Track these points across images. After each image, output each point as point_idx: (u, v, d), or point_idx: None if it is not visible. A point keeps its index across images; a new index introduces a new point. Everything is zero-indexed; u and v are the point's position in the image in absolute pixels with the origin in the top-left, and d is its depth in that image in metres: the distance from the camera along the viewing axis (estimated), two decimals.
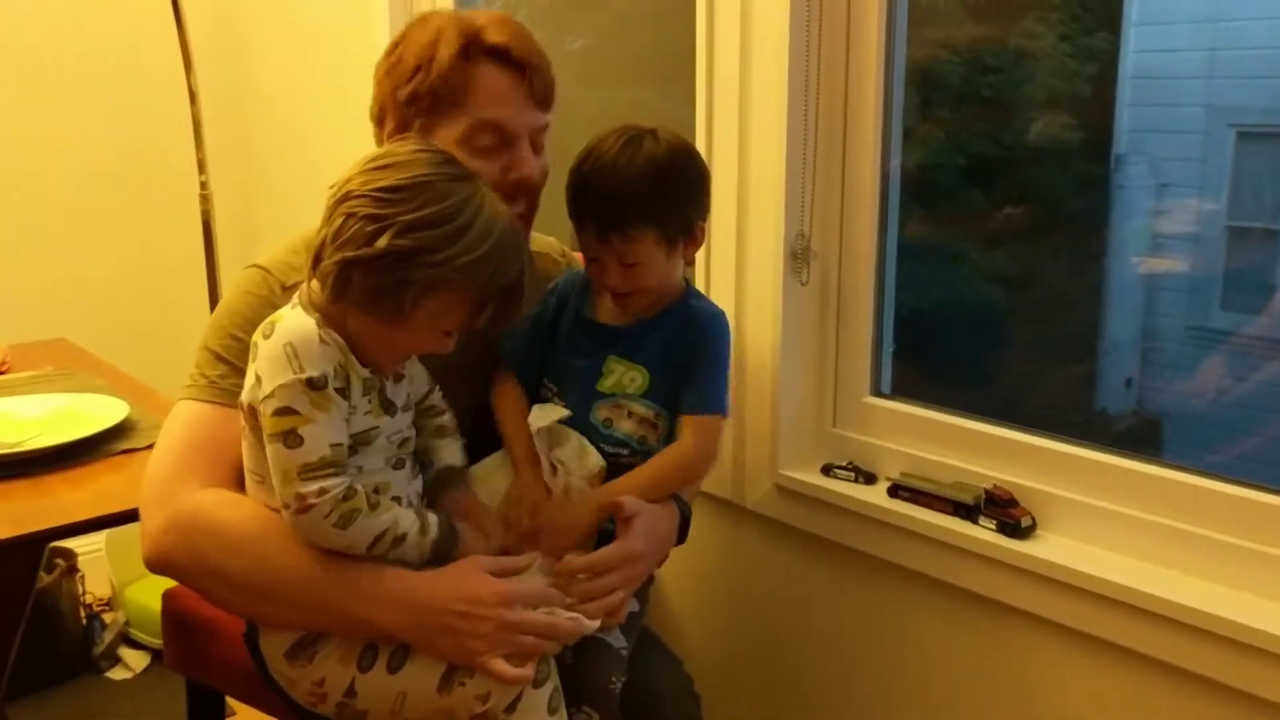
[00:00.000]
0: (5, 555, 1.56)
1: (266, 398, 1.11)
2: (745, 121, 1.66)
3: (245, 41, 3.00)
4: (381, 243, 1.09)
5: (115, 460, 1.62)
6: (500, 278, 1.15)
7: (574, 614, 1.23)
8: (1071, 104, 1.53)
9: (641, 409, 1.37)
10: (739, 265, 1.71)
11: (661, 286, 1.38)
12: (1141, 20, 1.47)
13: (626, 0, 2.22)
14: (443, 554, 1.21)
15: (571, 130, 1.50)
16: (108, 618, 2.77)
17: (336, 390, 1.13)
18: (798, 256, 1.66)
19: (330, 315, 1.16)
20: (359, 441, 1.17)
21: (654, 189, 1.30)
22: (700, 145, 1.71)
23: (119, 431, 1.70)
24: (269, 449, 1.13)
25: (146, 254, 2.93)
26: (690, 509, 1.44)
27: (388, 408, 1.20)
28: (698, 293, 1.45)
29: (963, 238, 1.67)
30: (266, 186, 3.06)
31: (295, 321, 1.15)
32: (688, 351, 1.37)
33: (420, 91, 1.32)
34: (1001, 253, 1.65)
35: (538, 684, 1.20)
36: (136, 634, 2.71)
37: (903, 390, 1.70)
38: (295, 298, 1.19)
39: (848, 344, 1.71)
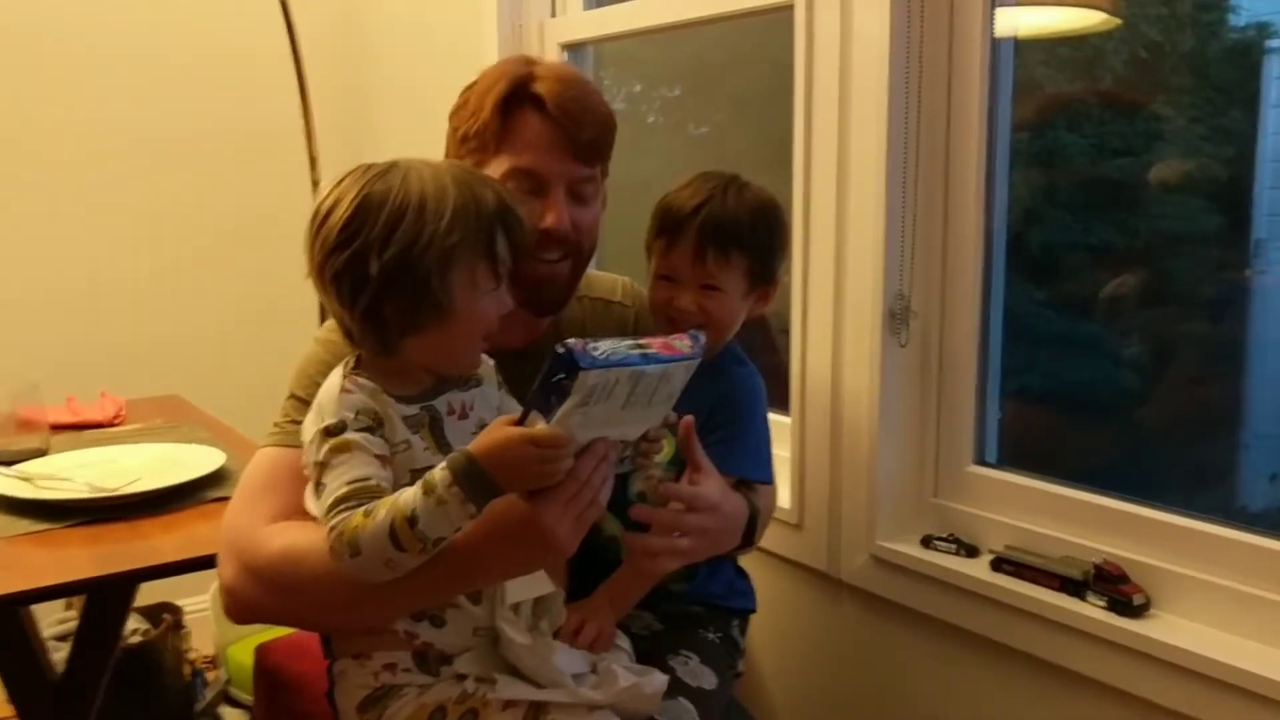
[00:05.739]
0: (97, 593, 1.58)
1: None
2: (844, 174, 1.63)
3: (367, 109, 3.09)
4: (374, 270, 1.09)
5: (208, 507, 1.64)
6: (484, 208, 1.12)
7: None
8: (1205, 186, 1.50)
9: (660, 474, 1.31)
10: (835, 325, 1.66)
11: (724, 330, 1.38)
12: None
13: (745, 85, 2.26)
14: (473, 482, 1.03)
15: None
16: (210, 675, 2.80)
17: (363, 430, 1.11)
18: (896, 317, 1.61)
19: (389, 367, 1.15)
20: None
21: (758, 223, 1.36)
22: (797, 197, 1.70)
23: (214, 479, 1.72)
24: None
25: (261, 318, 3.01)
26: (759, 512, 1.39)
27: (444, 448, 1.16)
28: (739, 354, 1.44)
29: (1088, 318, 1.64)
30: None
31: (328, 380, 1.17)
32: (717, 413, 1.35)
33: (469, 133, 1.35)
34: (1131, 336, 1.62)
35: None
36: (236, 692, 2.72)
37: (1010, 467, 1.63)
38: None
39: (949, 410, 1.65)
